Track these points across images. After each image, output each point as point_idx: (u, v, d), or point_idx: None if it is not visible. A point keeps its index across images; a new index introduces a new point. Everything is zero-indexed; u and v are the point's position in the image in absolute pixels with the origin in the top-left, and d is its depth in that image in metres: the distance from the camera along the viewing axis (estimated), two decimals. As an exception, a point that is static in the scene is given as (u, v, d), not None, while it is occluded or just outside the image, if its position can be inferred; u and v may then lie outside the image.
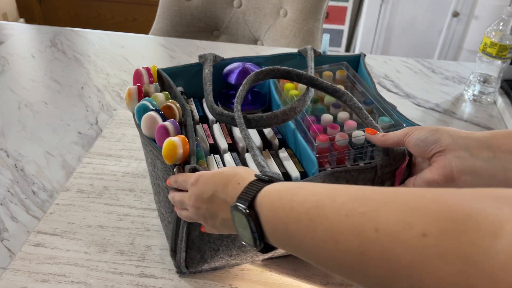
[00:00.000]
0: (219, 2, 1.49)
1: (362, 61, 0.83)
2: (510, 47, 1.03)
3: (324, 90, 0.67)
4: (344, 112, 0.71)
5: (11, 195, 0.79)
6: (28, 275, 0.65)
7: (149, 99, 0.62)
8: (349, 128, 0.67)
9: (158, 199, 0.68)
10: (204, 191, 0.50)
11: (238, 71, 0.76)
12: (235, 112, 0.61)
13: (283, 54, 0.83)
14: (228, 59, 0.80)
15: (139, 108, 0.61)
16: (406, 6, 2.33)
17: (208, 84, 0.71)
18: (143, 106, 0.61)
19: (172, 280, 0.65)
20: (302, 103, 0.65)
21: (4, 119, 0.99)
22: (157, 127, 0.57)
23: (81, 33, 1.38)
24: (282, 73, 0.67)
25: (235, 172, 0.49)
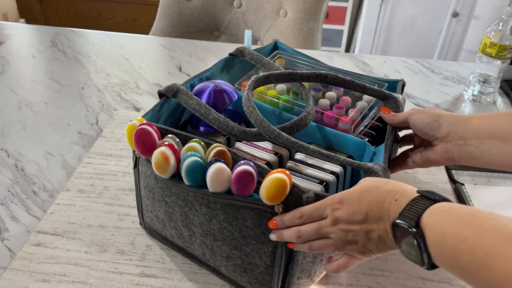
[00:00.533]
0: (219, 3, 1.49)
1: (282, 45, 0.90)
2: (509, 47, 1.03)
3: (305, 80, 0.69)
4: (330, 93, 0.76)
5: (12, 195, 0.79)
6: (29, 275, 0.65)
7: (192, 153, 0.54)
8: (347, 103, 0.74)
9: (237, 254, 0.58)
10: (356, 211, 0.48)
11: (211, 90, 0.69)
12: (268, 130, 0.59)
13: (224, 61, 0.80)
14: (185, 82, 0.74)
15: (191, 167, 0.53)
16: (406, 6, 2.33)
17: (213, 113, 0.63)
18: (195, 162, 0.53)
19: (172, 280, 0.65)
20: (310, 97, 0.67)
21: (5, 119, 0.99)
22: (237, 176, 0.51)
23: (81, 33, 1.38)
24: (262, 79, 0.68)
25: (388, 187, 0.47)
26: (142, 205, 0.68)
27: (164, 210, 0.62)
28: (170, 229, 0.64)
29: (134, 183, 0.68)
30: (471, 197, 0.80)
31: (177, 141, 0.59)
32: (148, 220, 0.68)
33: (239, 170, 0.51)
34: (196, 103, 0.65)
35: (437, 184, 0.83)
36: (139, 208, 0.70)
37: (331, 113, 0.70)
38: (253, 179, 0.51)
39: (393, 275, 0.66)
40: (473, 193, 0.81)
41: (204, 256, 0.62)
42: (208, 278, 0.65)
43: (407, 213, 0.43)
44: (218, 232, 0.57)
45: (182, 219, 0.60)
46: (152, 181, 0.61)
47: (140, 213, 0.70)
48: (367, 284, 0.65)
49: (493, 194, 0.82)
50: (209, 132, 0.70)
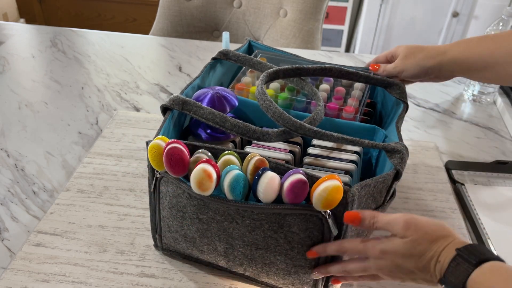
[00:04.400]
0: (219, 3, 1.49)
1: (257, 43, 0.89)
2: (509, 47, 1.03)
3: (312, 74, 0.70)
4: (323, 85, 0.79)
5: (12, 195, 0.79)
6: (29, 275, 0.65)
7: (232, 167, 0.53)
8: (341, 93, 0.77)
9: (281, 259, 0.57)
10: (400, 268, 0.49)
11: (211, 97, 0.68)
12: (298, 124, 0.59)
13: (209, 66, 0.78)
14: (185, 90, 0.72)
15: (236, 180, 0.52)
16: (406, 6, 2.33)
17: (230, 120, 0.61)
18: (240, 176, 0.52)
19: (172, 280, 0.65)
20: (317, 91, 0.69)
21: (5, 119, 0.99)
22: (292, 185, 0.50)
23: (81, 33, 1.38)
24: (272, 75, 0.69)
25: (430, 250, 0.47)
26: (161, 226, 0.65)
27: (196, 228, 0.59)
28: (201, 245, 0.61)
29: (149, 204, 0.65)
30: (471, 197, 0.80)
31: (209, 156, 0.56)
32: (170, 241, 0.65)
33: (293, 180, 0.50)
34: (209, 113, 0.62)
35: (437, 184, 0.83)
36: (155, 230, 0.66)
37: (333, 104, 0.73)
38: (306, 187, 0.51)
39: (393, 275, 0.66)
40: (473, 193, 0.81)
41: (242, 266, 0.61)
42: (208, 278, 0.65)
43: (451, 277, 0.45)
44: (262, 241, 0.56)
45: (219, 234, 0.58)
46: (184, 200, 0.58)
47: (158, 234, 0.66)
48: (367, 284, 0.65)
49: (493, 194, 0.82)
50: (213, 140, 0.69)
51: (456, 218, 0.76)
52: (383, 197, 0.59)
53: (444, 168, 0.88)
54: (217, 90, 0.68)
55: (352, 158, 0.63)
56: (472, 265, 0.44)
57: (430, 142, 0.95)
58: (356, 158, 0.63)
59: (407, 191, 0.82)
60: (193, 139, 0.70)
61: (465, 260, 0.44)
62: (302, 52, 1.32)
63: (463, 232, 0.74)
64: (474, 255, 0.44)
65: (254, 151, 0.64)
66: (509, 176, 0.86)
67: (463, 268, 0.44)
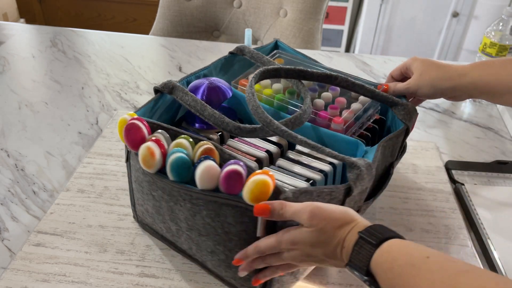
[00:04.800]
0: (219, 2, 1.49)
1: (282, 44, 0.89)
2: (509, 47, 1.03)
3: (315, 79, 0.68)
4: (326, 93, 0.76)
5: (12, 195, 0.79)
6: (29, 275, 0.65)
7: (177, 149, 0.54)
8: (342, 104, 0.73)
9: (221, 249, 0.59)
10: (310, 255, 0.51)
11: (206, 87, 0.69)
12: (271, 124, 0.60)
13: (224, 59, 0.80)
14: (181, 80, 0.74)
15: (176, 163, 0.53)
16: (406, 6, 2.33)
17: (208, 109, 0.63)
18: (181, 159, 0.53)
19: (172, 280, 0.65)
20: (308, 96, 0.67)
21: (5, 119, 0.99)
22: (226, 175, 0.51)
23: (81, 33, 1.38)
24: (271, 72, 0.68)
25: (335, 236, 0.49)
26: (134, 198, 0.69)
27: (152, 204, 0.63)
28: (158, 222, 0.65)
29: (127, 176, 0.69)
30: (471, 197, 0.80)
31: (166, 137, 0.58)
32: (140, 214, 0.70)
33: (228, 170, 0.51)
34: (192, 100, 0.65)
35: (437, 184, 0.83)
36: (132, 201, 0.71)
37: (324, 113, 0.70)
38: (241, 179, 0.51)
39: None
40: (473, 193, 0.81)
41: (191, 250, 0.63)
42: (208, 278, 0.65)
43: (355, 261, 0.47)
44: (202, 227, 0.58)
45: (169, 214, 0.61)
46: (141, 175, 0.62)
47: (133, 206, 0.71)
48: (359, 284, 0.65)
49: (493, 194, 0.82)
50: (203, 129, 0.71)
51: (456, 218, 0.76)
52: None
53: (444, 168, 0.88)
54: (212, 80, 0.70)
55: (323, 168, 0.61)
56: (373, 245, 0.45)
57: (430, 142, 0.95)
58: (328, 169, 0.61)
59: (407, 191, 0.82)
60: (187, 126, 0.72)
61: (367, 242, 0.46)
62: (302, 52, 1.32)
63: (463, 232, 0.74)
64: (374, 236, 0.46)
65: (233, 144, 0.66)
66: (509, 176, 0.86)
67: (365, 250, 0.46)
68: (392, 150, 0.68)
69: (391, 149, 0.68)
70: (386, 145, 0.64)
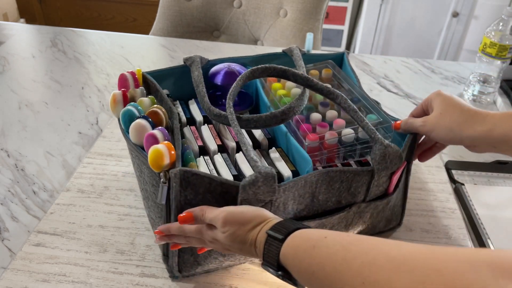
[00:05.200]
0: (219, 3, 1.49)
1: (346, 59, 0.85)
2: (509, 47, 1.03)
3: (319, 92, 0.66)
4: (332, 111, 0.71)
5: (12, 195, 0.79)
6: (29, 275, 0.65)
7: (134, 104, 0.62)
8: (338, 126, 0.68)
9: (147, 204, 0.67)
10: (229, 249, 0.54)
11: (224, 72, 0.75)
12: (227, 109, 0.60)
13: (269, 54, 0.82)
14: (213, 60, 0.78)
15: (124, 114, 0.61)
16: (406, 6, 2.33)
17: (201, 86, 0.69)
18: (129, 112, 0.61)
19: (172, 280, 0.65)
20: (300, 102, 0.64)
21: (5, 119, 0.99)
22: (146, 136, 0.57)
23: (82, 33, 1.38)
24: (279, 71, 0.66)
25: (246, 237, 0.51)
26: None
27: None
28: None
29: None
30: (471, 197, 0.80)
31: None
32: None
33: (149, 132, 0.57)
34: (197, 75, 0.71)
35: (437, 184, 0.83)
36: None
37: (306, 126, 0.68)
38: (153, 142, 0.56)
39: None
40: (473, 193, 0.81)
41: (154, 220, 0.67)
42: (208, 278, 0.65)
43: (267, 258, 0.49)
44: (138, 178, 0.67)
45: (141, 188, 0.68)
46: None
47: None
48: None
49: (493, 194, 0.82)
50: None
51: (456, 218, 0.76)
52: None
53: (444, 168, 0.88)
54: (232, 66, 0.76)
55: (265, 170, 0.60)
56: (280, 240, 0.47)
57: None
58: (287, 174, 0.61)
59: (407, 191, 0.82)
60: None
61: (274, 238, 0.48)
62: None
63: (463, 232, 0.74)
64: (280, 232, 0.48)
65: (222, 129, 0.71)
66: (509, 176, 0.86)
67: (273, 247, 0.48)
68: (349, 187, 0.61)
69: (347, 184, 0.61)
70: (335, 176, 0.59)
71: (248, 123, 0.62)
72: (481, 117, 0.58)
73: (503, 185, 0.84)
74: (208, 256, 0.62)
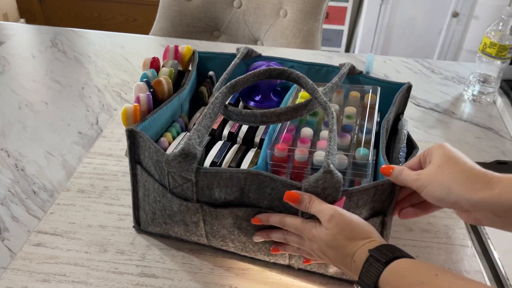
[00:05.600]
0: (219, 3, 1.49)
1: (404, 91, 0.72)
2: (509, 47, 1.03)
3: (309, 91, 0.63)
4: (324, 131, 0.66)
5: (12, 195, 0.79)
6: (29, 275, 0.65)
7: (152, 71, 0.73)
8: (318, 147, 0.63)
9: None
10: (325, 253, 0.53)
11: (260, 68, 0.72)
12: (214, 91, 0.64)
13: (322, 65, 0.79)
14: (264, 56, 0.83)
15: (142, 76, 0.72)
16: (406, 6, 2.33)
17: (225, 74, 0.72)
18: (144, 75, 0.72)
19: (172, 280, 0.65)
20: (292, 112, 0.61)
21: (5, 119, 0.99)
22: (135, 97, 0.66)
23: (82, 33, 1.38)
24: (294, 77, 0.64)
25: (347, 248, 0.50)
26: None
27: None
28: None
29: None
30: (471, 197, 0.80)
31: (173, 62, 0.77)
32: None
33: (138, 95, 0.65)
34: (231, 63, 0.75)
35: (437, 184, 0.83)
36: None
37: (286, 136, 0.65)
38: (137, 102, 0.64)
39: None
40: (473, 193, 0.81)
41: None
42: (208, 278, 0.65)
43: (364, 278, 0.47)
44: None
45: None
46: None
47: None
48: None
49: (493, 194, 0.82)
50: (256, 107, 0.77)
51: (456, 218, 0.76)
52: None
53: (444, 168, 0.87)
54: (271, 64, 0.78)
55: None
56: (382, 264, 0.46)
57: (430, 142, 0.95)
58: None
59: (407, 191, 0.82)
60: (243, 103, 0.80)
61: (376, 260, 0.47)
62: (302, 52, 1.32)
63: (463, 232, 0.74)
64: (384, 255, 0.46)
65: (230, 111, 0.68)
66: (509, 176, 0.86)
67: (374, 268, 0.46)
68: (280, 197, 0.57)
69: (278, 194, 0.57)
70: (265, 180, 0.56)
71: (230, 113, 0.63)
72: (487, 179, 0.48)
73: (503, 185, 0.84)
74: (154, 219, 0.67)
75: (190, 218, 0.62)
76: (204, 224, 0.62)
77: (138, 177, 0.66)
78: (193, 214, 0.61)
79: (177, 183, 0.59)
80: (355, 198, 0.55)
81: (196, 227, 0.63)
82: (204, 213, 0.61)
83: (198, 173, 0.57)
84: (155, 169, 0.61)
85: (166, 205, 0.63)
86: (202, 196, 0.59)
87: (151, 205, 0.66)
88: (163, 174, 0.60)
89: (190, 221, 0.62)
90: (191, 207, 0.60)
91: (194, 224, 0.63)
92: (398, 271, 0.45)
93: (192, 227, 0.63)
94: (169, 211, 0.63)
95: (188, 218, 0.62)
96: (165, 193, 0.62)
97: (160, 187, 0.62)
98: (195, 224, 0.63)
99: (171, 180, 0.60)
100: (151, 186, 0.64)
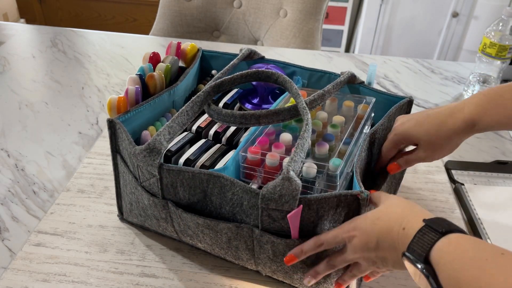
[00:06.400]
0: (219, 3, 1.49)
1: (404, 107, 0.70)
2: (509, 47, 1.03)
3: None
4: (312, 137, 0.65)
5: (12, 195, 0.79)
6: (29, 275, 0.65)
7: (149, 65, 0.74)
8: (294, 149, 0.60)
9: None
10: (368, 240, 0.49)
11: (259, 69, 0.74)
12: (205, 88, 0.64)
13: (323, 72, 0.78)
14: (267, 59, 0.82)
15: (138, 69, 0.73)
16: (406, 6, 2.33)
17: (220, 73, 0.71)
18: (141, 68, 0.73)
19: (172, 280, 0.65)
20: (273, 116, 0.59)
21: (5, 119, 0.99)
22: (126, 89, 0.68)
23: (82, 33, 1.38)
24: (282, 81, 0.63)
25: (396, 214, 0.48)
26: None
27: None
28: None
29: None
30: (470, 197, 0.81)
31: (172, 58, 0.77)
32: None
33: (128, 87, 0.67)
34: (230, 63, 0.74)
35: (437, 184, 0.83)
36: None
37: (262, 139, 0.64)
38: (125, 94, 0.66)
39: (393, 275, 0.66)
40: (473, 193, 0.81)
41: None
42: (208, 278, 0.65)
43: (415, 247, 0.44)
44: None
45: None
46: None
47: None
48: (367, 284, 0.65)
49: (493, 194, 0.82)
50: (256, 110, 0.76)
51: (456, 218, 0.76)
52: None
53: (444, 168, 0.88)
54: (269, 67, 0.78)
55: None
56: (439, 233, 0.43)
57: (430, 142, 0.95)
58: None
59: (407, 191, 0.82)
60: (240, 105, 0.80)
61: (432, 229, 0.44)
62: (302, 52, 1.32)
63: (463, 232, 0.74)
64: (441, 226, 0.44)
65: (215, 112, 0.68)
66: (509, 176, 0.86)
67: (429, 237, 0.44)
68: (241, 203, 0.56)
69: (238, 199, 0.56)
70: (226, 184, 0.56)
71: (212, 112, 0.62)
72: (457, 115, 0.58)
73: (503, 185, 0.84)
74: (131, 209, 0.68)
75: (159, 214, 0.63)
76: (172, 221, 0.63)
77: (119, 167, 0.67)
78: (161, 210, 0.62)
79: (145, 177, 0.60)
80: (314, 207, 0.52)
81: (166, 223, 0.64)
82: (170, 211, 0.61)
83: (161, 170, 0.58)
84: (130, 161, 0.63)
85: (139, 197, 0.64)
86: (168, 193, 0.60)
87: (128, 195, 0.67)
88: (135, 167, 0.61)
89: (159, 216, 0.63)
90: (158, 203, 0.61)
91: (163, 220, 0.63)
92: (458, 245, 0.42)
93: (162, 223, 0.64)
94: (141, 204, 0.65)
95: (157, 214, 0.63)
96: (137, 185, 0.63)
97: (134, 179, 0.63)
98: (164, 220, 0.63)
99: (140, 174, 0.61)
100: (127, 177, 0.65)
